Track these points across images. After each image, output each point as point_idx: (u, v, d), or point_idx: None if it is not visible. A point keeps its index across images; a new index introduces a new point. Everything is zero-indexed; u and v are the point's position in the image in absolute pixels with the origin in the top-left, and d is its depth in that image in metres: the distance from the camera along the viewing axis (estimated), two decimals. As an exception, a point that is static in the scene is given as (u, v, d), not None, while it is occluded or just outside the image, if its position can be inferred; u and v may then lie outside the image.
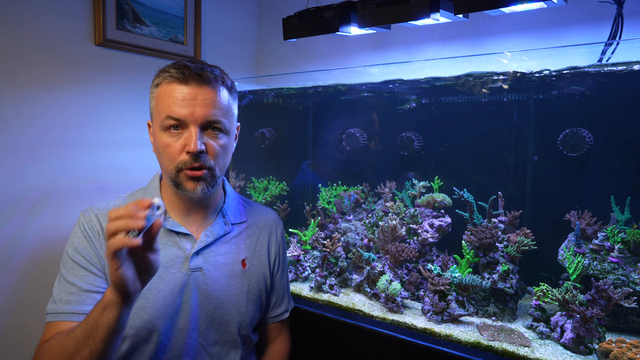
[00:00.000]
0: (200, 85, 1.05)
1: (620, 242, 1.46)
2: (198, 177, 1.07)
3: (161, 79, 1.08)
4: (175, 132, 1.06)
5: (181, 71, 1.05)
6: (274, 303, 1.33)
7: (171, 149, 1.06)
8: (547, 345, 1.33)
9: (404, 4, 1.38)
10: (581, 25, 1.60)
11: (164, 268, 1.11)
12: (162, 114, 1.06)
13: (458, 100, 1.86)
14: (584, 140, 1.58)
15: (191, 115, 1.04)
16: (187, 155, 1.05)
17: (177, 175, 1.06)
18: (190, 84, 1.05)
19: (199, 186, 1.07)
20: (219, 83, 1.08)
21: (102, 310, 0.86)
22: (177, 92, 1.05)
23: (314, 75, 2.17)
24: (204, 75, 1.05)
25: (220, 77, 1.10)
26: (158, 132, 1.08)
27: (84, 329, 0.88)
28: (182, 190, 1.08)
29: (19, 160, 1.60)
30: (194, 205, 1.16)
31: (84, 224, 1.12)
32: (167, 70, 1.07)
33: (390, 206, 1.86)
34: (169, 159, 1.07)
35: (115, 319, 0.86)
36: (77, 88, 1.74)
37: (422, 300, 1.53)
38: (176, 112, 1.03)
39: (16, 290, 1.62)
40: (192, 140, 1.03)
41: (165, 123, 1.05)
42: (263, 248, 1.28)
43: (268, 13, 2.47)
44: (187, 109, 1.03)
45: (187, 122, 1.04)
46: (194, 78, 1.05)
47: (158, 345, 1.08)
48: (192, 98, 1.04)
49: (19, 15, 1.57)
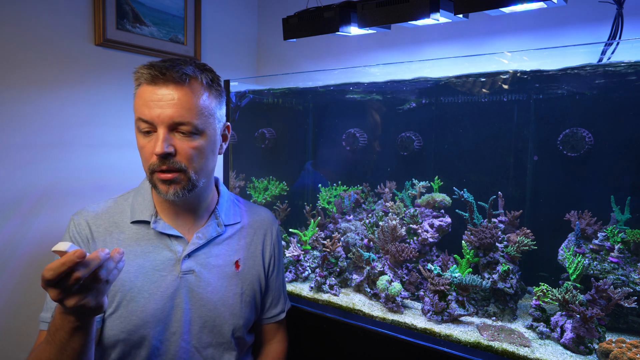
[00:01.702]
0: (167, 85, 1.01)
1: (620, 242, 1.46)
2: (169, 180, 1.04)
3: (136, 79, 1.06)
4: (148, 135, 1.04)
5: (148, 71, 1.01)
6: (270, 304, 1.31)
7: (144, 150, 1.04)
8: (547, 345, 1.33)
9: (404, 4, 1.38)
10: (581, 25, 1.60)
11: (155, 271, 1.10)
12: (135, 115, 1.05)
13: (458, 100, 1.86)
14: (584, 140, 1.58)
15: (157, 117, 1.00)
16: (156, 158, 1.02)
17: (152, 177, 1.05)
18: (157, 84, 1.01)
19: (171, 189, 1.04)
20: (188, 81, 1.02)
21: (70, 336, 0.86)
22: (146, 93, 1.02)
23: (314, 75, 2.17)
24: (169, 75, 1.00)
25: (192, 75, 1.03)
26: (136, 134, 1.07)
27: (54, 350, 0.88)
28: (158, 192, 1.06)
29: (18, 160, 1.60)
30: (182, 207, 1.15)
31: (73, 229, 1.12)
32: (138, 71, 1.04)
33: (390, 206, 1.86)
34: (144, 161, 1.06)
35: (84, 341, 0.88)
36: (77, 88, 1.74)
37: (422, 300, 1.53)
38: (144, 114, 1.01)
39: (16, 291, 1.62)
40: (158, 142, 1.00)
41: (138, 125, 1.04)
42: (257, 249, 1.27)
43: (268, 13, 2.47)
44: (153, 111, 1.00)
45: (155, 124, 1.01)
46: (159, 78, 1.00)
47: (150, 349, 1.07)
48: (158, 99, 1.00)
49: (19, 15, 1.57)
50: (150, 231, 1.13)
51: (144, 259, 1.10)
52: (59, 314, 0.86)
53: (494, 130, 1.81)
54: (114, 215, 1.15)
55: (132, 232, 1.12)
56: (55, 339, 0.87)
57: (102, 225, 1.13)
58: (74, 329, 0.85)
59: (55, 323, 0.87)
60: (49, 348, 0.88)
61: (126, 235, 1.12)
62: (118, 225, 1.13)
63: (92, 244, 1.10)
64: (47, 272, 0.75)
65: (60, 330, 0.86)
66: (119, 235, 1.12)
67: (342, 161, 2.21)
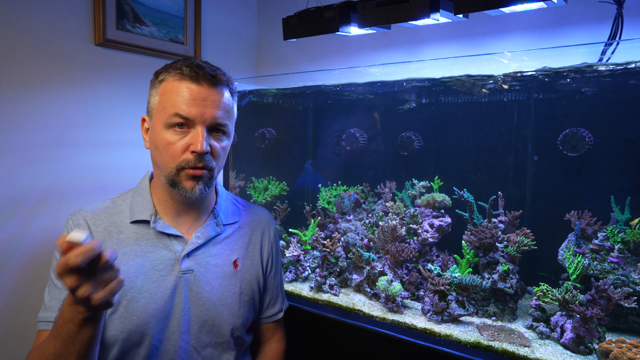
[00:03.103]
0: (211, 87, 1.06)
1: (620, 242, 1.46)
2: (198, 177, 1.06)
3: (170, 74, 1.07)
4: (180, 131, 1.05)
5: (194, 70, 1.05)
6: (268, 303, 1.32)
7: (174, 147, 1.05)
8: (547, 345, 1.33)
9: (404, 4, 1.38)
10: (581, 25, 1.60)
11: (155, 270, 1.10)
12: (168, 110, 1.04)
13: (458, 100, 1.86)
14: (584, 140, 1.58)
15: (200, 116, 1.04)
16: (192, 155, 1.04)
17: (177, 174, 1.06)
18: (202, 84, 1.05)
19: (197, 186, 1.07)
20: (226, 86, 1.10)
21: (80, 328, 0.85)
22: (187, 90, 1.04)
23: (314, 75, 2.17)
24: (217, 77, 1.06)
25: (229, 80, 1.12)
26: (160, 129, 1.06)
27: (60, 345, 0.87)
28: (179, 189, 1.07)
29: (18, 160, 1.60)
30: (185, 206, 1.15)
31: (72, 228, 1.12)
32: (178, 67, 1.06)
33: (390, 206, 1.86)
34: (170, 157, 1.06)
35: (93, 334, 0.87)
36: (77, 88, 1.74)
37: (422, 300, 1.53)
38: (185, 111, 1.03)
39: (16, 291, 1.62)
40: (200, 140, 1.03)
41: (171, 120, 1.04)
42: (255, 248, 1.27)
43: (268, 13, 2.47)
44: (196, 109, 1.03)
45: (195, 122, 1.04)
46: (207, 79, 1.05)
47: (150, 348, 1.07)
48: (203, 98, 1.04)
49: (19, 15, 1.57)
50: (150, 231, 1.13)
51: (143, 258, 1.10)
52: (68, 305, 0.85)
53: (494, 130, 1.81)
54: (113, 215, 1.15)
55: (131, 232, 1.12)
56: (62, 332, 0.87)
57: (101, 225, 1.13)
58: (84, 319, 0.85)
59: (64, 316, 0.86)
60: (55, 343, 0.88)
61: (125, 235, 1.12)
62: (117, 226, 1.13)
63: None
64: (76, 258, 0.74)
65: (69, 322, 0.85)
66: (119, 235, 1.12)
67: (342, 161, 2.21)
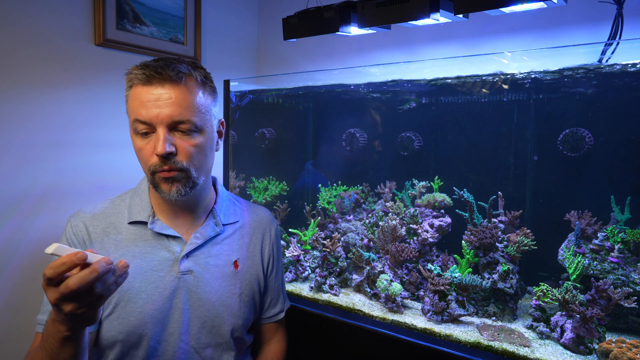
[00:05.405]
0: (163, 85, 1.00)
1: (620, 242, 1.46)
2: (171, 178, 1.04)
3: (127, 80, 1.05)
4: (145, 135, 1.03)
5: (142, 71, 1.00)
6: (269, 304, 1.31)
7: (143, 152, 1.03)
8: (547, 345, 1.33)
9: (404, 4, 1.38)
10: (581, 25, 1.60)
11: (153, 271, 1.09)
12: (130, 117, 1.03)
13: (458, 100, 1.86)
14: (584, 140, 1.58)
15: (156, 117, 0.99)
16: (157, 158, 1.02)
17: (153, 178, 1.04)
18: (153, 84, 1.00)
19: (173, 187, 1.04)
20: (184, 79, 1.02)
21: (61, 345, 0.85)
22: (141, 94, 1.01)
23: (314, 75, 2.17)
24: (165, 74, 1.00)
25: (187, 73, 1.03)
26: (132, 136, 1.06)
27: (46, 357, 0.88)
28: (159, 192, 1.06)
29: (18, 160, 1.60)
30: (181, 207, 1.14)
31: (70, 231, 1.12)
32: (131, 72, 1.03)
33: (390, 206, 1.86)
34: (143, 162, 1.05)
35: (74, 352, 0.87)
36: (77, 88, 1.74)
37: (422, 300, 1.53)
38: (142, 115, 1.00)
39: (16, 291, 1.62)
40: (159, 142, 0.99)
41: (135, 127, 1.03)
42: (256, 248, 1.26)
43: (268, 13, 2.47)
44: (151, 111, 0.99)
45: (153, 124, 1.00)
46: (155, 78, 1.00)
47: (149, 350, 1.07)
48: (155, 99, 1.00)
49: (19, 15, 1.57)
50: (148, 232, 1.12)
51: (141, 259, 1.10)
52: (51, 321, 0.85)
53: (494, 130, 1.81)
54: (111, 216, 1.15)
55: (129, 233, 1.12)
56: (46, 346, 0.87)
57: (99, 226, 1.13)
58: (63, 338, 0.85)
59: (48, 330, 0.87)
60: (42, 354, 0.89)
61: (123, 236, 1.11)
62: (115, 226, 1.13)
63: (90, 246, 1.10)
64: (48, 270, 0.76)
65: (50, 338, 0.86)
66: (116, 236, 1.11)
67: (342, 161, 2.21)
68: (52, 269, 0.76)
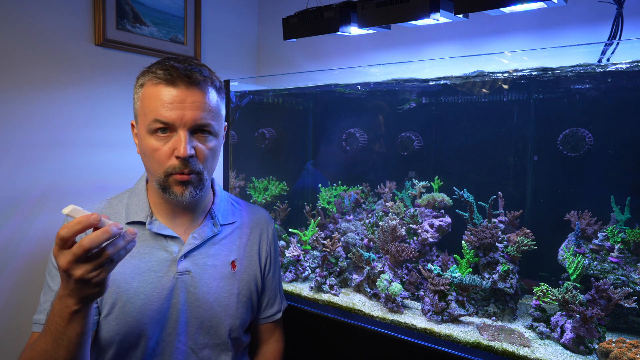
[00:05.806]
0: (189, 88, 1.00)
1: (620, 242, 1.46)
2: (187, 182, 1.04)
3: (146, 79, 1.03)
4: (163, 136, 1.01)
5: (169, 72, 1.00)
6: (266, 304, 1.31)
7: (159, 153, 1.02)
8: (547, 345, 1.33)
9: (404, 4, 1.38)
10: (581, 25, 1.60)
11: (151, 272, 1.09)
12: (148, 116, 1.01)
13: (458, 100, 1.86)
14: (584, 140, 1.58)
15: (180, 119, 0.99)
16: (177, 160, 1.01)
17: (166, 179, 1.03)
18: (179, 86, 1.00)
19: (187, 190, 1.04)
20: (207, 84, 1.04)
21: (67, 322, 0.84)
22: (164, 94, 1.00)
23: (314, 75, 2.17)
24: (193, 77, 1.00)
25: (209, 78, 1.05)
26: (144, 135, 1.03)
27: (49, 340, 0.86)
28: (169, 194, 1.05)
29: (18, 160, 1.60)
30: (180, 207, 1.14)
31: None
32: (153, 71, 1.02)
33: (390, 206, 1.86)
34: (157, 163, 1.03)
35: (81, 330, 0.86)
36: (77, 88, 1.74)
37: (422, 300, 1.53)
38: (164, 116, 0.99)
39: (16, 291, 1.62)
40: (182, 145, 0.99)
41: (153, 126, 1.01)
42: (254, 248, 1.26)
43: (268, 13, 2.47)
44: (175, 112, 0.99)
45: (175, 126, 1.00)
46: (182, 80, 1.00)
47: (146, 350, 1.07)
48: (180, 101, 0.99)
49: (19, 15, 1.57)
50: (146, 232, 1.12)
51: (139, 259, 1.10)
52: (58, 298, 0.84)
53: (494, 130, 1.81)
54: (109, 216, 1.14)
55: None
56: (51, 327, 0.86)
57: None
58: (72, 313, 0.83)
59: (53, 309, 0.85)
60: (45, 339, 0.87)
61: None
62: None
63: None
64: (62, 230, 0.75)
65: (56, 316, 0.84)
66: None
67: (342, 161, 2.21)
68: (67, 228, 0.75)
